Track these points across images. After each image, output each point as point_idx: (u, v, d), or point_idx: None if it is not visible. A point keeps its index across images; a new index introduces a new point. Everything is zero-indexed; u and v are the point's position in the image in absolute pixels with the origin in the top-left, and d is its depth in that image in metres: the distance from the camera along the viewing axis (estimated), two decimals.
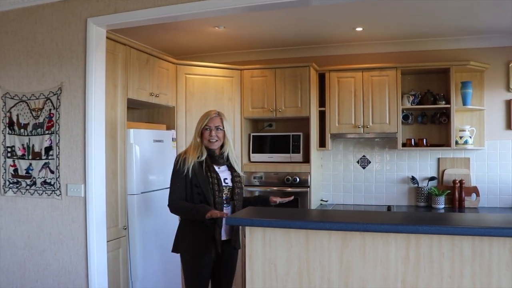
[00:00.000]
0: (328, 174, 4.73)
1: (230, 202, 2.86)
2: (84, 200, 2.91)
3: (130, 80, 3.43)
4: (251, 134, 4.55)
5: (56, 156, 2.99)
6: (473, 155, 4.30)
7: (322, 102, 4.46)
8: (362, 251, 2.07)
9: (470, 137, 4.11)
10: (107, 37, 3.07)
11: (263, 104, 4.39)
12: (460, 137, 4.11)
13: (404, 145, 4.28)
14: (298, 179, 4.24)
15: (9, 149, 3.15)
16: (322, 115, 4.49)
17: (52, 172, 3.00)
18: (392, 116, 4.20)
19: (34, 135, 3.06)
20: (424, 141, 4.26)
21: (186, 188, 2.78)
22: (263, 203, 2.98)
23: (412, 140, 4.28)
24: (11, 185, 3.15)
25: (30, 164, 3.07)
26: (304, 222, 2.04)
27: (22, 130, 3.10)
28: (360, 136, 4.37)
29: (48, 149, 3.01)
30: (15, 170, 3.13)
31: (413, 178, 4.41)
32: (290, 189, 4.25)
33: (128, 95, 3.40)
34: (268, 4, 2.86)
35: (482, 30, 4.05)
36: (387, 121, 4.21)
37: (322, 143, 4.47)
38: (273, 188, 4.31)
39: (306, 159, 4.35)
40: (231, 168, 2.92)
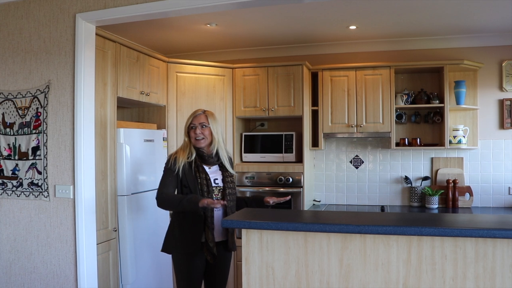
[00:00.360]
0: (320, 174, 4.68)
1: None
2: (73, 202, 2.82)
3: (120, 78, 3.33)
4: (243, 133, 4.48)
5: (44, 156, 2.89)
6: (466, 154, 4.29)
7: (314, 101, 4.41)
8: (363, 254, 2.02)
9: (464, 136, 4.09)
10: (96, 34, 2.98)
11: (255, 103, 4.32)
12: (454, 137, 4.09)
13: (397, 144, 4.25)
14: (291, 179, 4.18)
15: None
16: (314, 115, 4.44)
17: (40, 172, 2.90)
18: (385, 116, 4.16)
19: (21, 134, 2.95)
20: (418, 140, 4.23)
21: (176, 186, 2.74)
22: (258, 204, 2.91)
23: (406, 140, 4.25)
24: None
25: (17, 165, 2.97)
26: (304, 224, 1.98)
27: (8, 129, 2.99)
28: (353, 136, 4.33)
29: (36, 149, 2.91)
30: (1, 170, 3.02)
31: (406, 178, 4.38)
32: (282, 190, 4.19)
33: (118, 94, 3.31)
34: (260, 0, 2.81)
35: (475, 29, 4.03)
36: (381, 121, 4.17)
37: (315, 143, 4.42)
38: (265, 189, 4.25)
39: (299, 159, 4.30)
40: (222, 168, 2.86)
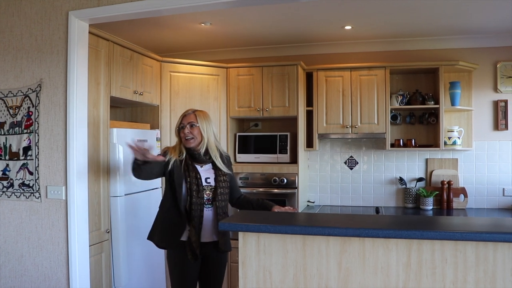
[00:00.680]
0: (314, 175, 4.66)
1: (213, 203, 2.74)
2: (65, 203, 2.76)
3: (113, 78, 3.28)
4: (237, 134, 4.44)
5: (35, 157, 2.83)
6: (461, 156, 4.29)
7: (309, 102, 4.38)
8: (362, 257, 1.99)
9: (459, 137, 4.09)
10: (89, 32, 2.92)
11: (249, 103, 4.28)
12: (449, 138, 4.08)
13: (392, 145, 4.24)
14: (286, 180, 4.14)
15: None
16: (309, 115, 4.41)
17: (31, 173, 2.84)
18: (380, 116, 4.15)
19: (12, 134, 2.89)
20: (413, 141, 4.22)
21: (165, 178, 2.76)
22: (264, 209, 2.85)
23: (401, 141, 4.24)
24: None
25: (7, 165, 2.90)
26: (303, 227, 1.95)
27: None
28: (348, 137, 4.31)
29: (27, 149, 2.85)
30: None
31: (401, 179, 4.37)
32: (276, 191, 4.16)
33: (111, 93, 3.25)
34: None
35: (470, 30, 4.03)
36: (376, 121, 4.16)
37: (309, 144, 4.40)
38: (259, 189, 4.21)
39: (294, 160, 4.27)
40: (215, 167, 2.81)
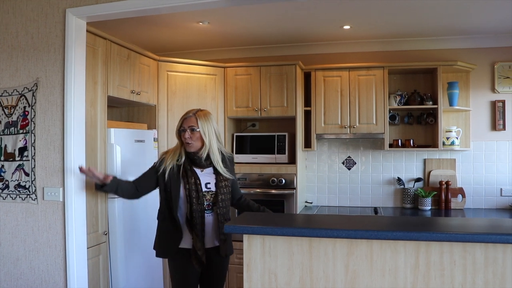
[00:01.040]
0: (312, 175, 4.63)
1: (213, 208, 2.66)
2: (62, 205, 2.69)
3: (110, 77, 3.22)
4: (234, 134, 4.40)
5: (32, 157, 2.76)
6: (458, 156, 4.29)
7: (307, 102, 4.35)
8: (369, 259, 1.96)
9: (457, 138, 4.09)
10: (86, 30, 2.86)
11: (247, 103, 4.24)
12: (447, 138, 4.08)
13: (391, 146, 4.23)
14: (284, 181, 4.11)
15: None
16: (307, 115, 4.39)
17: (27, 174, 2.77)
18: (379, 117, 4.13)
19: (7, 134, 2.82)
20: (411, 142, 4.21)
21: (155, 186, 2.73)
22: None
23: (399, 141, 4.23)
24: None
25: (2, 166, 2.83)
26: (310, 230, 1.91)
27: None
28: (346, 137, 4.29)
29: (23, 149, 2.78)
30: None
31: (399, 180, 4.36)
32: (274, 191, 4.12)
33: (108, 93, 3.19)
34: None
35: (469, 31, 4.03)
36: (374, 122, 4.14)
37: (307, 144, 4.37)
38: (257, 190, 4.17)
39: (292, 160, 4.24)
40: (217, 171, 2.72)
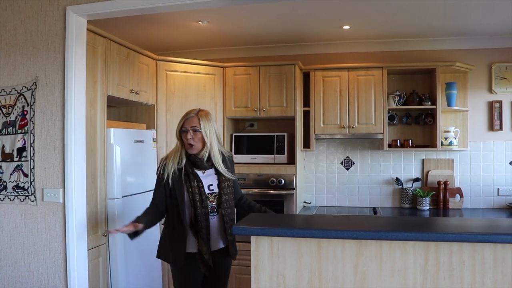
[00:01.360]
0: (310, 176, 4.62)
1: (218, 210, 2.60)
2: (63, 206, 2.65)
3: (110, 76, 3.18)
4: (233, 134, 4.37)
5: (31, 158, 2.71)
6: (456, 156, 4.31)
7: (306, 102, 4.34)
8: (379, 260, 1.95)
9: (455, 138, 4.11)
10: (86, 29, 2.82)
11: (246, 103, 4.22)
12: (445, 138, 4.09)
13: (389, 146, 4.23)
14: (283, 181, 4.09)
15: None
16: (305, 115, 4.37)
17: (26, 175, 2.72)
18: (378, 117, 4.13)
19: (5, 134, 2.76)
20: (410, 142, 4.22)
21: (165, 195, 2.59)
22: None
23: (398, 141, 4.24)
24: None
25: (0, 167, 2.77)
26: (320, 231, 1.90)
27: None
28: (344, 137, 4.28)
29: (21, 150, 2.73)
30: None
31: (397, 180, 4.37)
32: (273, 192, 4.10)
33: (108, 92, 3.15)
34: None
35: (466, 32, 4.05)
36: (373, 122, 4.14)
37: (306, 144, 4.36)
38: (256, 190, 4.15)
39: (291, 160, 4.22)
40: (218, 172, 2.65)
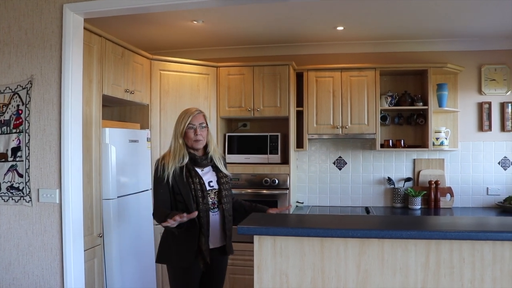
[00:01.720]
0: (303, 175, 4.64)
1: (218, 206, 2.65)
2: (59, 207, 2.61)
3: (105, 75, 3.15)
4: (227, 134, 4.37)
5: (26, 158, 2.67)
6: (447, 156, 4.37)
7: (299, 102, 4.36)
8: (381, 258, 1.97)
9: (446, 138, 4.17)
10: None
11: (240, 103, 4.22)
12: (436, 138, 4.15)
13: (382, 146, 4.27)
14: (277, 181, 4.10)
15: None
16: (298, 115, 4.39)
17: (21, 175, 2.67)
18: (370, 117, 4.17)
19: None
20: (402, 142, 4.27)
21: (169, 196, 2.58)
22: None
23: (390, 141, 4.28)
24: None
25: None
26: (324, 230, 1.91)
27: None
28: (337, 137, 4.31)
29: (16, 149, 2.68)
30: None
31: (389, 179, 4.41)
32: (268, 191, 4.10)
33: (103, 91, 3.12)
34: None
35: (457, 34, 4.12)
36: (366, 122, 4.18)
37: (299, 144, 4.38)
38: (248, 191, 4.15)
39: (284, 160, 4.24)
40: (216, 169, 2.71)
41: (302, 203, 4.60)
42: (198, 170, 2.64)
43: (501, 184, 4.29)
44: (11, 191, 2.70)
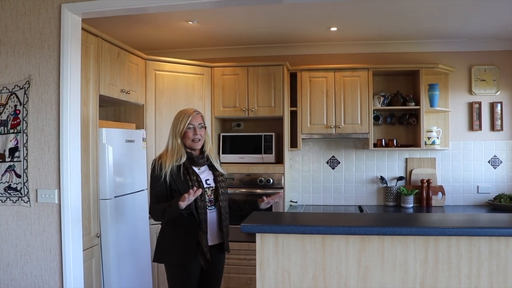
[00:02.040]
0: (297, 175, 4.68)
1: (215, 204, 2.68)
2: (58, 207, 2.61)
3: (102, 75, 3.15)
4: (221, 134, 4.39)
5: (24, 158, 2.65)
6: (438, 155, 4.45)
7: (293, 102, 4.39)
8: (381, 255, 2.01)
9: (437, 137, 4.24)
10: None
11: (235, 103, 4.24)
12: (428, 138, 4.22)
13: (375, 145, 4.33)
14: (272, 180, 4.13)
15: None
16: (292, 115, 4.43)
17: (19, 176, 2.66)
18: (363, 117, 4.23)
19: None
20: (394, 141, 4.33)
21: (167, 194, 2.59)
22: (252, 208, 2.83)
23: (383, 141, 4.34)
24: None
25: None
26: (326, 227, 1.94)
27: None
28: (330, 137, 4.36)
29: (14, 150, 2.67)
30: None
31: (382, 178, 4.47)
32: (261, 191, 4.12)
33: (100, 91, 3.12)
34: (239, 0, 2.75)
35: (448, 35, 4.19)
36: (359, 122, 4.23)
37: (292, 143, 4.41)
38: (245, 190, 4.17)
39: (278, 160, 4.27)
40: (212, 168, 2.75)
41: (296, 202, 4.64)
42: (195, 169, 2.67)
43: (491, 182, 4.38)
44: (8, 191, 2.68)
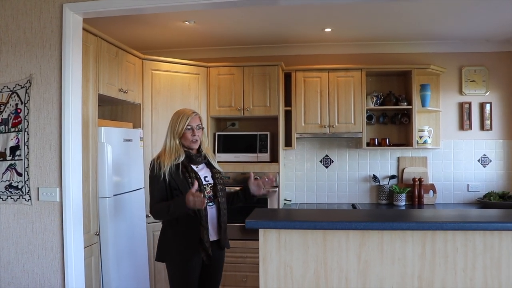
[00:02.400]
0: (291, 174, 4.74)
1: (214, 200, 2.73)
2: (60, 205, 2.63)
3: (101, 75, 3.17)
4: (216, 133, 4.43)
5: (25, 157, 2.67)
6: (430, 154, 4.55)
7: (287, 102, 4.45)
8: (380, 249, 2.08)
9: (429, 137, 4.34)
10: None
11: (230, 103, 4.29)
12: (420, 137, 4.32)
13: (368, 144, 4.41)
14: (267, 179, 4.17)
15: None
16: (286, 115, 4.48)
17: (20, 174, 2.68)
18: (357, 116, 4.30)
19: None
20: (387, 141, 4.42)
21: (166, 192, 2.63)
22: (244, 194, 2.85)
23: (376, 140, 4.43)
24: None
25: None
26: (326, 223, 2.01)
27: None
28: (324, 136, 4.43)
29: (15, 148, 2.68)
30: None
31: (374, 177, 4.56)
32: None
33: (99, 91, 3.14)
34: (235, 2, 2.78)
35: (439, 36, 4.29)
36: (353, 121, 4.31)
37: (287, 143, 4.47)
38: (237, 189, 4.16)
39: (273, 159, 4.33)
40: (209, 165, 2.81)
41: (290, 200, 4.70)
42: (193, 167, 2.72)
43: (481, 180, 4.49)
44: (9, 190, 2.70)
